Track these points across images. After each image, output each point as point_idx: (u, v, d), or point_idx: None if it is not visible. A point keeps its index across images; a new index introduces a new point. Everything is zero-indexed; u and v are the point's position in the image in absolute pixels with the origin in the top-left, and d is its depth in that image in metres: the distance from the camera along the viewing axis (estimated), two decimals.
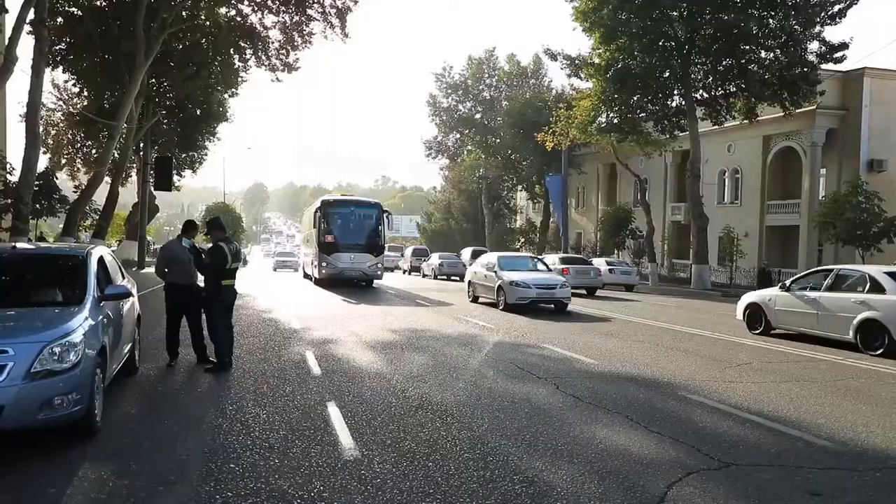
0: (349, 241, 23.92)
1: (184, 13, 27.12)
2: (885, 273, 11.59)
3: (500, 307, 17.40)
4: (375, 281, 25.42)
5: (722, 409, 6.93)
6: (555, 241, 49.10)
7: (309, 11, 27.94)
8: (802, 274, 13.98)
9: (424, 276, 38.86)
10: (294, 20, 28.57)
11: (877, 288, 11.34)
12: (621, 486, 4.61)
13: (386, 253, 28.46)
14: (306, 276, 30.29)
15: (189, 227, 9.10)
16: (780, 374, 9.02)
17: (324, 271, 23.89)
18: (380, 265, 24.73)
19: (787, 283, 13.44)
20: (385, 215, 24.99)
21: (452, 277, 35.88)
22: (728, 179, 39.47)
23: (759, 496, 4.49)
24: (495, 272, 18.15)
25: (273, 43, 29.58)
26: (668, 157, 40.60)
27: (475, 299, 19.98)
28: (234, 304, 8.80)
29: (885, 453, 5.59)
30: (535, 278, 17.48)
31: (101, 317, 5.94)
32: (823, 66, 28.52)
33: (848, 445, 5.76)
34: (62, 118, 34.05)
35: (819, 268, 15.03)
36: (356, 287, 24.32)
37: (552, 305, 17.46)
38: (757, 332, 13.51)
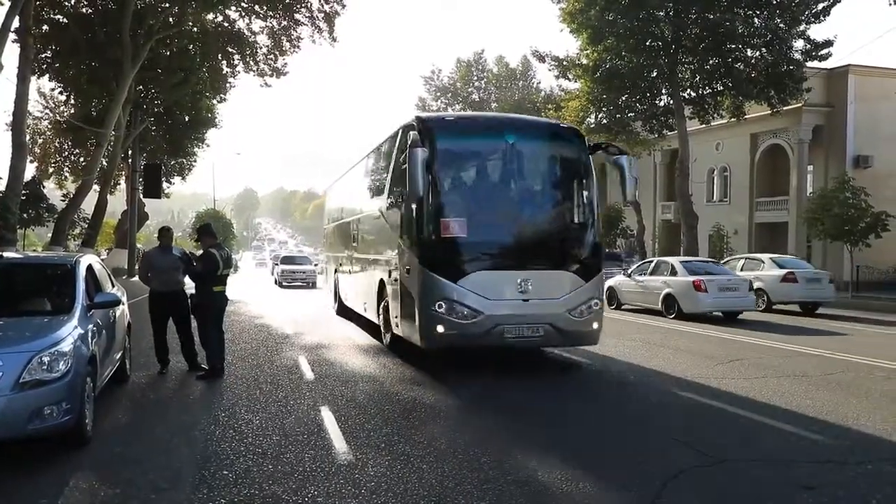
0: (510, 237, 8.86)
1: (170, 19, 26.99)
2: (679, 261, 17.03)
3: None
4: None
5: (715, 406, 6.96)
6: None
7: (297, 16, 27.90)
8: (639, 264, 18.62)
9: None
10: (282, 25, 28.52)
11: (674, 272, 16.17)
12: (616, 484, 4.62)
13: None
14: (343, 310, 14.91)
15: (161, 234, 8.97)
16: (771, 370, 9.06)
17: (441, 327, 8.38)
18: (595, 303, 8.93)
19: (629, 271, 18.09)
20: (612, 156, 9.97)
21: None
22: (717, 177, 39.69)
23: (753, 491, 4.51)
24: None
25: (261, 48, 29.51)
26: (657, 157, 40.76)
27: None
28: (224, 310, 8.77)
29: (876, 446, 5.63)
30: None
31: (90, 325, 5.90)
32: (809, 64, 28.74)
33: (839, 439, 5.79)
34: (49, 126, 33.81)
35: (648, 259, 19.87)
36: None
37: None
38: (612, 307, 17.57)
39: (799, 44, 27.98)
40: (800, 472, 4.88)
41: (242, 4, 27.81)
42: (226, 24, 29.08)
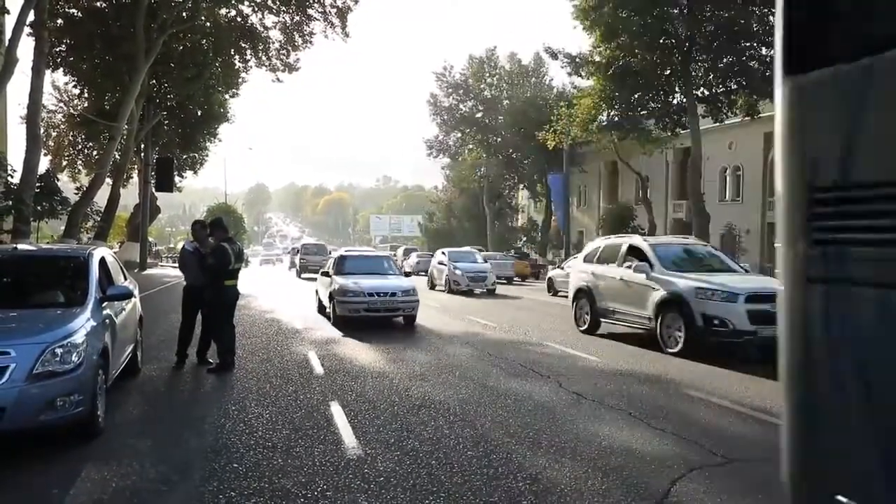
0: None
1: (184, 14, 27.14)
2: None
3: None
4: None
5: (724, 405, 6.91)
6: (556, 240, 49.05)
7: (309, 11, 28.01)
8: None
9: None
10: (294, 20, 28.65)
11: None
12: (625, 482, 4.59)
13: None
14: None
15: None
16: None
17: None
18: None
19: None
20: None
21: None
22: (729, 176, 39.41)
23: (763, 491, 4.47)
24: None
25: (273, 43, 29.67)
26: (669, 155, 40.52)
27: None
28: (235, 304, 8.81)
29: None
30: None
31: (102, 318, 5.94)
32: None
33: None
34: (63, 119, 34.08)
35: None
36: None
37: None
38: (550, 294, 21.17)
39: None
40: None
41: None
42: (239, 20, 29.24)
